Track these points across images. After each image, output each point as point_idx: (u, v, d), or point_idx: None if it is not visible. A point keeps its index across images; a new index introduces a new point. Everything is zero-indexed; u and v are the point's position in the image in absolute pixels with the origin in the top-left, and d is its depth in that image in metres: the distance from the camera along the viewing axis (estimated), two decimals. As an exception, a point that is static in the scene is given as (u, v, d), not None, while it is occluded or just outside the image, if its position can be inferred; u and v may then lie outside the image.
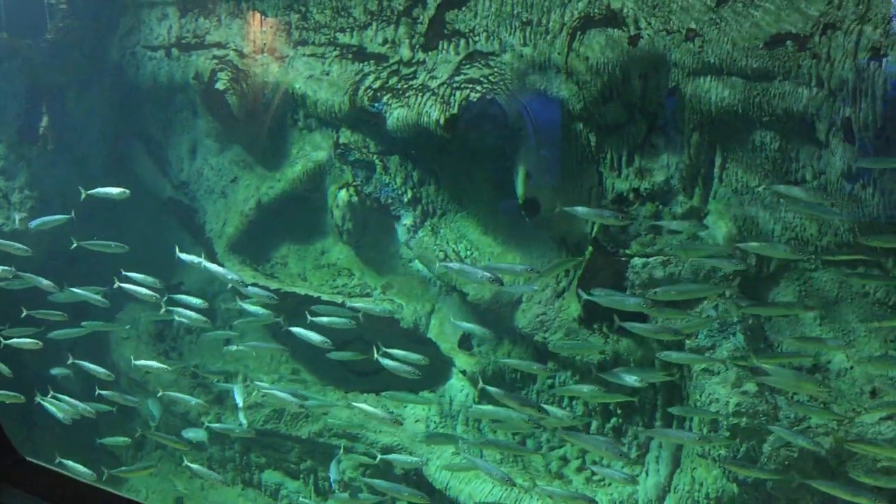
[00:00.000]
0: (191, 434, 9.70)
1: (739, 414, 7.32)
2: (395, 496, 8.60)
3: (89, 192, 9.68)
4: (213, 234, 11.50)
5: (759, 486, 7.25)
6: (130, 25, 12.07)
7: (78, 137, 12.13)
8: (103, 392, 9.49)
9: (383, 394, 9.46)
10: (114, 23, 12.15)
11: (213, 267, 9.52)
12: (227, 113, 11.01)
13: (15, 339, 9.40)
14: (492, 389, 8.14)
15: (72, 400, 9.31)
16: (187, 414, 10.65)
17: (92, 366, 9.48)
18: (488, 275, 7.95)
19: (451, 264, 8.77)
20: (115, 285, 9.51)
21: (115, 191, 9.54)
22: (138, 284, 9.42)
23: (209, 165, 11.74)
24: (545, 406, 8.10)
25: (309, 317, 9.17)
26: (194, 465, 9.35)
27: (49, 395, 9.45)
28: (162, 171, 12.17)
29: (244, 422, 9.68)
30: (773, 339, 7.84)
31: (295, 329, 9.02)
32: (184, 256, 9.64)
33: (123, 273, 9.52)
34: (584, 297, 8.15)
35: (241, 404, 9.56)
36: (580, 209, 8.19)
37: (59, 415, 9.25)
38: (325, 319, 9.06)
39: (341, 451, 9.62)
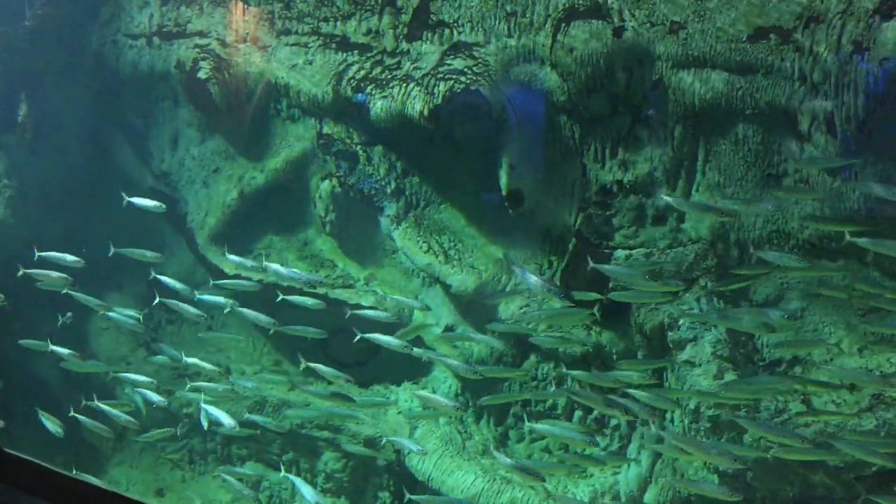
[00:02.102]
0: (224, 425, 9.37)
1: (721, 405, 7.35)
2: None
3: (129, 199, 9.77)
4: (194, 224, 11.42)
5: (740, 476, 7.30)
6: (111, 13, 11.93)
7: (57, 126, 11.98)
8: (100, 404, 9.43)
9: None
10: (94, 10, 12.00)
11: (275, 267, 9.28)
12: (209, 102, 10.92)
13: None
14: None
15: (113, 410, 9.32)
16: (169, 406, 10.58)
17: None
18: (552, 287, 7.87)
19: (518, 269, 8.58)
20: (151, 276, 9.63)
21: (152, 203, 9.69)
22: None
23: (191, 155, 11.64)
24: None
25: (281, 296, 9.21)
26: (229, 477, 9.29)
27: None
28: (143, 160, 12.05)
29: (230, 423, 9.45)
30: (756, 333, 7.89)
31: (243, 310, 9.01)
32: (235, 258, 9.54)
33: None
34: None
35: (204, 426, 9.43)
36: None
37: (52, 428, 9.19)
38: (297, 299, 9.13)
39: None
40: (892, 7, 6.80)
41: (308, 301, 9.10)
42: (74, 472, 8.78)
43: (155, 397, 9.40)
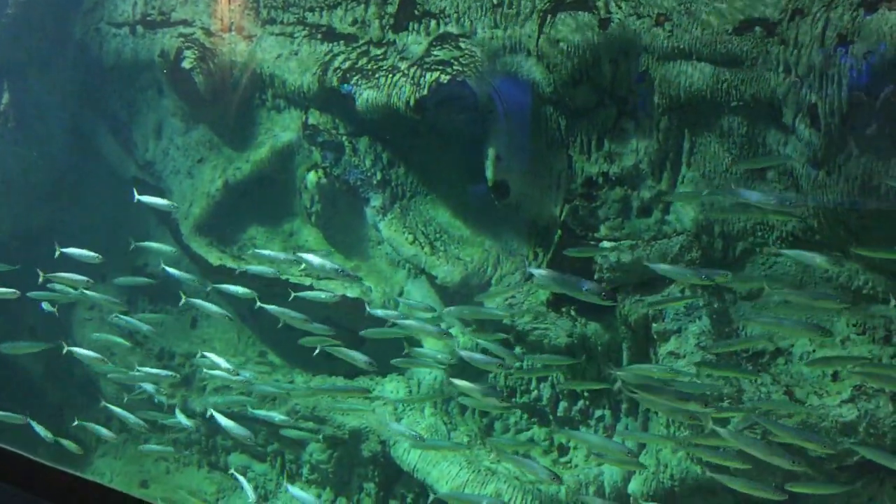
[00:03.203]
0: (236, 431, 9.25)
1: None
2: None
3: (140, 197, 9.81)
4: (179, 215, 11.35)
5: (722, 467, 7.34)
6: (94, 2, 11.83)
7: (40, 116, 11.88)
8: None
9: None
10: (77, -1, 11.91)
11: (308, 256, 8.99)
12: (194, 92, 10.84)
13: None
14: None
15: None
16: (151, 398, 10.56)
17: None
18: (592, 286, 7.46)
19: (538, 270, 8.31)
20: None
21: (163, 202, 9.79)
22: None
23: (175, 145, 11.57)
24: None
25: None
26: (241, 477, 9.30)
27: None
28: (126, 150, 11.97)
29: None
30: (739, 322, 7.93)
31: (269, 306, 8.96)
32: (265, 252, 9.49)
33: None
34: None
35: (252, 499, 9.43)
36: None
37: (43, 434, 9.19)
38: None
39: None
40: (876, 0, 6.82)
41: (321, 295, 9.09)
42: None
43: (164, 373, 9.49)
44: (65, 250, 9.44)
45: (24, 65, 11.72)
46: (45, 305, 9.87)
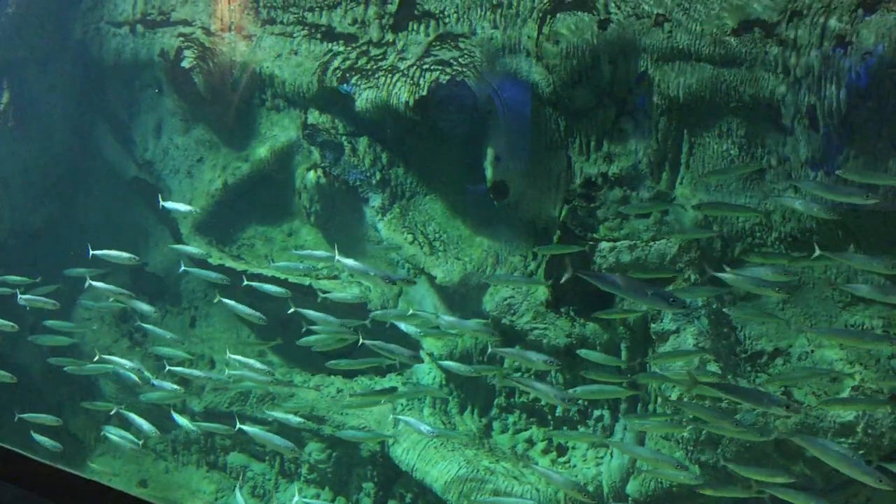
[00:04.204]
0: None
1: (702, 398, 7.40)
2: None
3: (165, 203, 9.93)
4: (178, 214, 11.36)
5: (720, 467, 7.36)
6: (94, 1, 11.83)
7: (40, 115, 11.88)
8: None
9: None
10: (77, -3, 11.91)
11: (351, 262, 8.89)
12: (194, 92, 10.85)
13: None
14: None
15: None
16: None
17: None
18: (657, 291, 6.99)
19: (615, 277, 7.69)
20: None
21: (185, 208, 9.81)
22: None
23: (175, 145, 11.58)
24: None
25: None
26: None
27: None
28: (126, 149, 11.98)
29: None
30: (737, 322, 7.94)
31: (306, 311, 8.94)
32: (346, 260, 9.02)
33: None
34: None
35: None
36: None
37: (49, 445, 9.17)
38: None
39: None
40: (875, 1, 6.83)
41: (347, 296, 9.13)
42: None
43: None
44: (98, 252, 9.43)
45: (23, 64, 11.72)
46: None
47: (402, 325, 9.18)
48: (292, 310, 8.94)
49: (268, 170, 10.75)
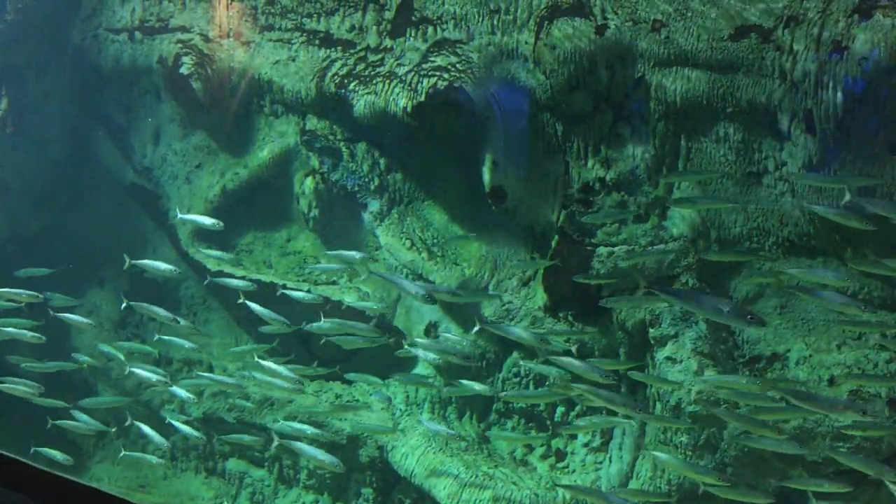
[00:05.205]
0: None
1: (700, 402, 7.40)
2: None
3: (182, 216, 10.00)
4: (177, 220, 11.37)
5: (720, 471, 7.35)
6: (93, 7, 11.85)
7: (38, 121, 11.90)
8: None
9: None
10: (75, 5, 11.92)
11: (390, 276, 9.04)
12: (192, 98, 10.87)
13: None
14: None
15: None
16: (151, 401, 10.57)
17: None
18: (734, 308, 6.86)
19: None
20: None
21: (209, 221, 9.69)
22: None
23: (173, 151, 11.59)
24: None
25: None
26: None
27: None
28: (125, 155, 11.99)
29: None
30: (736, 328, 7.95)
31: (255, 306, 9.04)
32: (382, 273, 9.21)
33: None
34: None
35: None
36: None
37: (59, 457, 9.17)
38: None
39: None
40: (871, 7, 6.87)
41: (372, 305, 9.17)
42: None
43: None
44: (137, 262, 9.45)
45: (22, 70, 11.74)
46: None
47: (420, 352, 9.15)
48: (241, 300, 9.12)
49: (266, 175, 10.76)
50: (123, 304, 9.55)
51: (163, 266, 9.38)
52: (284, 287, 9.76)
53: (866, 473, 6.83)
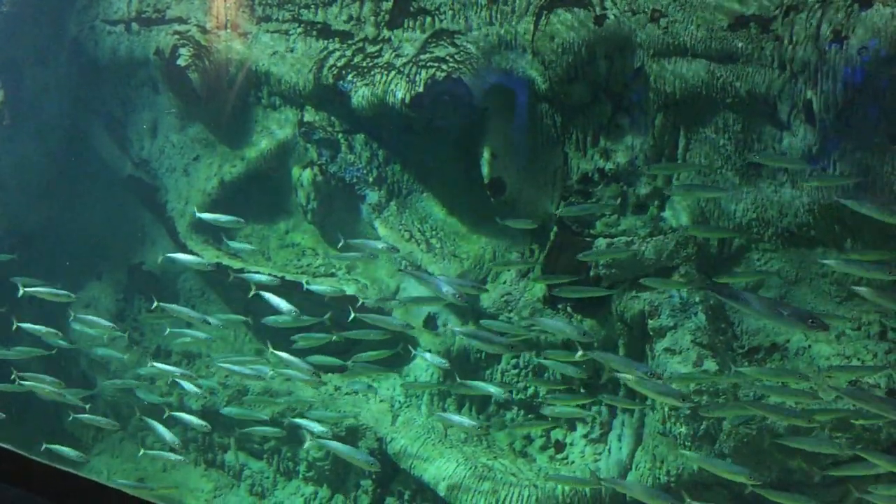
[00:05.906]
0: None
1: (700, 393, 7.41)
2: None
3: (200, 215, 9.96)
4: (175, 213, 11.35)
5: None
6: (89, -1, 11.81)
7: (35, 113, 11.85)
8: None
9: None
10: (72, -4, 11.88)
11: (419, 273, 8.99)
12: (189, 90, 10.83)
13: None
14: None
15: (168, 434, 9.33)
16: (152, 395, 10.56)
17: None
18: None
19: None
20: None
21: (226, 218, 9.72)
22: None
23: (171, 143, 11.55)
24: None
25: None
26: None
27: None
28: (122, 148, 11.95)
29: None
30: (734, 318, 7.95)
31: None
32: (408, 271, 9.26)
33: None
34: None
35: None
36: None
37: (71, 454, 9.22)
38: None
39: None
40: (871, -4, 6.83)
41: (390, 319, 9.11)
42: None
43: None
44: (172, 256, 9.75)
45: (19, 62, 11.69)
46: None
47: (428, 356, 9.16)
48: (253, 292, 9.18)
49: (264, 167, 10.73)
50: (154, 305, 9.53)
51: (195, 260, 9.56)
52: (283, 279, 9.74)
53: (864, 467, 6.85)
